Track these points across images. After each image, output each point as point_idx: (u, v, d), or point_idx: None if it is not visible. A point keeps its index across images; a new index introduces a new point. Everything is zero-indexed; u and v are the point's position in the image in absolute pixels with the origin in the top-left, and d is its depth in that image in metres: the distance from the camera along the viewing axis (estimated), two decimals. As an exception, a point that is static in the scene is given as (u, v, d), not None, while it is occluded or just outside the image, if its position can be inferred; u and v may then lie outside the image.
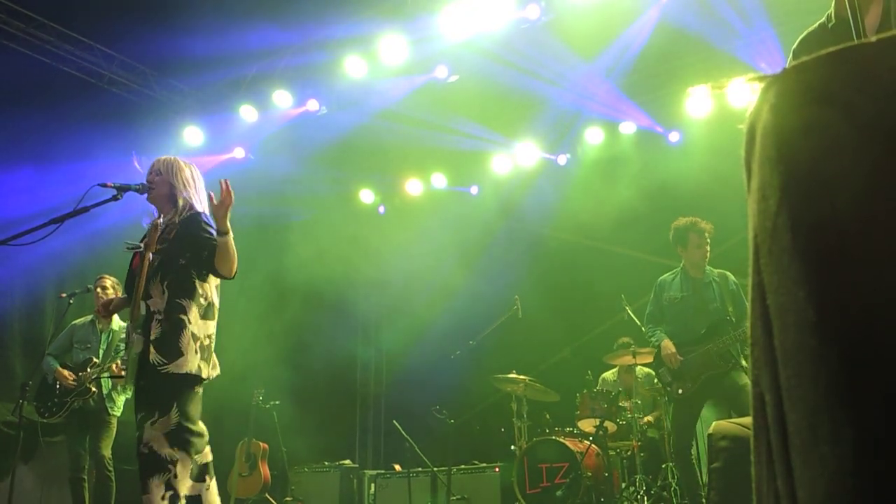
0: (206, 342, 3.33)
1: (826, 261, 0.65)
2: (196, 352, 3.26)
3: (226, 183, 3.28)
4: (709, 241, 5.05)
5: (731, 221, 5.05)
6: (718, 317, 4.93)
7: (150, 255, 3.36)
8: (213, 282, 3.47)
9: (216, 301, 3.47)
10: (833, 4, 1.76)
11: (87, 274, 5.97)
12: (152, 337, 3.22)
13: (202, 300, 3.37)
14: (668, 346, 5.03)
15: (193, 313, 3.31)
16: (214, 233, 3.40)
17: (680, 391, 4.95)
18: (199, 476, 3.20)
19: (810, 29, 1.87)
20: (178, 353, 3.20)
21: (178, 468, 3.12)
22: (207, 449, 3.29)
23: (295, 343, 8.15)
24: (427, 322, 8.47)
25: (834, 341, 0.63)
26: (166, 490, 3.09)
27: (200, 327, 3.32)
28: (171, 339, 3.22)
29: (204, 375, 3.30)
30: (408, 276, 8.80)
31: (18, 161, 6.70)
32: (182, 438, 3.16)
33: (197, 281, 3.38)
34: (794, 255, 0.67)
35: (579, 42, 6.72)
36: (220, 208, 3.27)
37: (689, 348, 4.95)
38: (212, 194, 3.36)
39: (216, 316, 3.46)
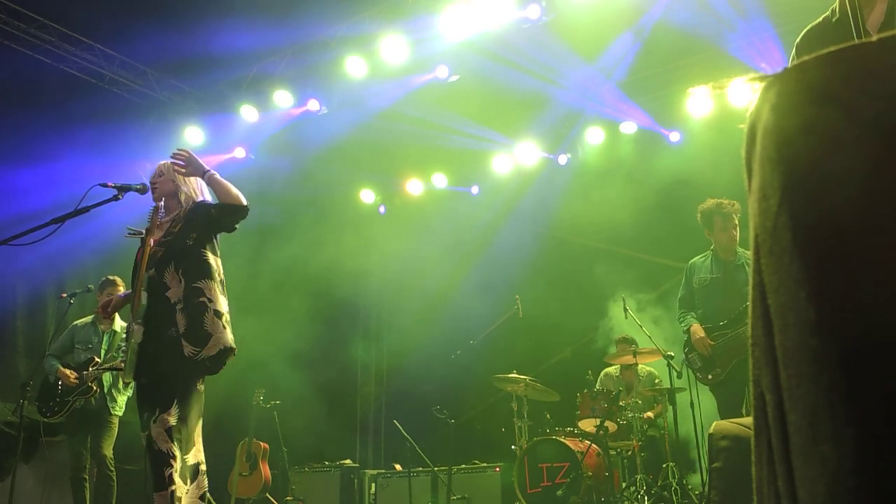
0: (228, 317, 3.40)
1: (827, 261, 0.65)
2: (224, 326, 3.32)
3: (177, 152, 3.51)
4: (737, 222, 4.89)
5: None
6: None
7: (152, 241, 3.41)
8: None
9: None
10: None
11: (88, 274, 5.98)
12: (181, 331, 3.25)
13: (218, 276, 3.43)
14: (697, 330, 4.85)
15: (214, 291, 3.36)
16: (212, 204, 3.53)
17: (710, 377, 4.79)
18: (183, 477, 3.23)
19: (814, 23, 1.85)
20: (207, 337, 3.25)
21: (176, 464, 3.18)
22: (194, 451, 3.31)
23: (295, 343, 8.15)
24: (427, 322, 8.47)
25: (835, 341, 0.63)
26: (169, 484, 3.13)
27: (222, 303, 3.38)
28: (197, 325, 3.26)
29: (235, 347, 3.36)
30: (408, 276, 8.79)
31: (19, 161, 6.70)
32: (177, 436, 3.20)
33: (210, 256, 3.42)
34: (794, 254, 0.67)
35: (580, 42, 6.72)
36: (186, 166, 3.47)
37: (720, 332, 4.77)
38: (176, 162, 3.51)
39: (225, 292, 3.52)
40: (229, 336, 3.33)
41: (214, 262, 3.43)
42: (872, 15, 1.70)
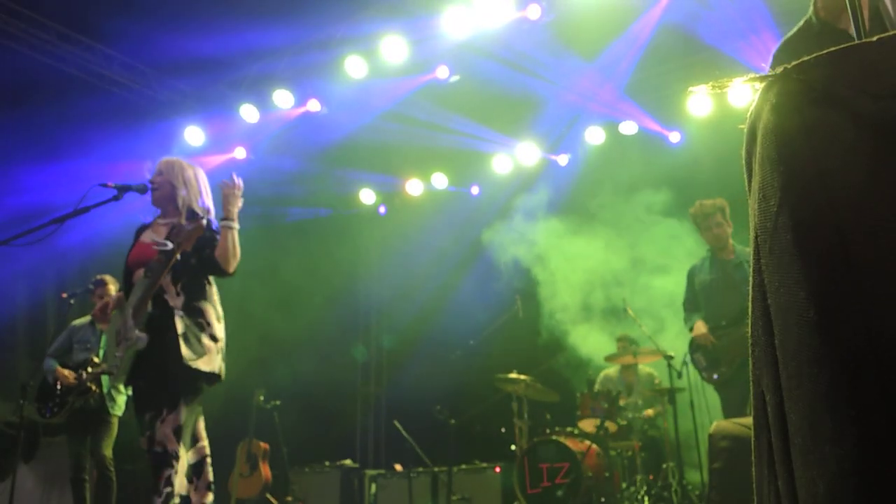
0: (222, 344, 3.39)
1: (827, 260, 0.65)
2: (218, 352, 3.32)
3: (234, 177, 3.45)
4: (720, 220, 4.90)
5: (732, 221, 5.04)
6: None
7: (150, 244, 3.35)
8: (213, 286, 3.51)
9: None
10: (812, 8, 1.66)
11: (88, 274, 5.97)
12: (180, 331, 3.23)
13: (216, 301, 3.43)
14: (699, 327, 4.87)
15: (211, 315, 3.35)
16: (217, 227, 3.46)
17: (715, 376, 4.79)
18: (189, 476, 3.23)
19: (791, 32, 1.79)
20: (203, 351, 3.25)
21: (179, 465, 3.15)
22: (198, 447, 3.33)
23: (295, 343, 8.15)
24: (427, 322, 8.46)
25: (835, 341, 0.63)
26: (165, 486, 3.10)
27: (217, 329, 3.37)
28: (197, 336, 3.26)
29: (223, 377, 3.35)
30: (408, 276, 8.79)
31: (19, 161, 6.70)
32: (184, 436, 3.19)
33: (208, 283, 3.43)
34: (794, 254, 0.67)
35: (580, 42, 6.72)
36: (228, 197, 3.40)
37: (723, 332, 4.77)
38: (224, 184, 3.46)
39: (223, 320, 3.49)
40: (219, 363, 3.32)
41: (211, 288, 3.43)
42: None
